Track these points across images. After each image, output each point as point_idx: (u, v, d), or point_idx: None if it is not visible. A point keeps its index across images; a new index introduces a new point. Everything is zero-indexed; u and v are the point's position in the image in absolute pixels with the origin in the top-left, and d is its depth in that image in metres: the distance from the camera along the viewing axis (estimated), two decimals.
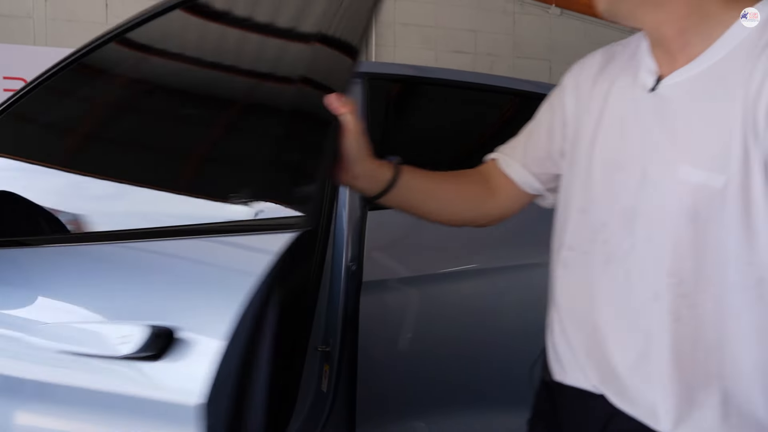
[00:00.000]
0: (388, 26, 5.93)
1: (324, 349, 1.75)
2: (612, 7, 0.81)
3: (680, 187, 0.76)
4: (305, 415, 1.75)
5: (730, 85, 0.74)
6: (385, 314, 1.72)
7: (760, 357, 0.76)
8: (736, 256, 0.74)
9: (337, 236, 1.77)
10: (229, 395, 0.92)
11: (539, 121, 1.03)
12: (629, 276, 0.81)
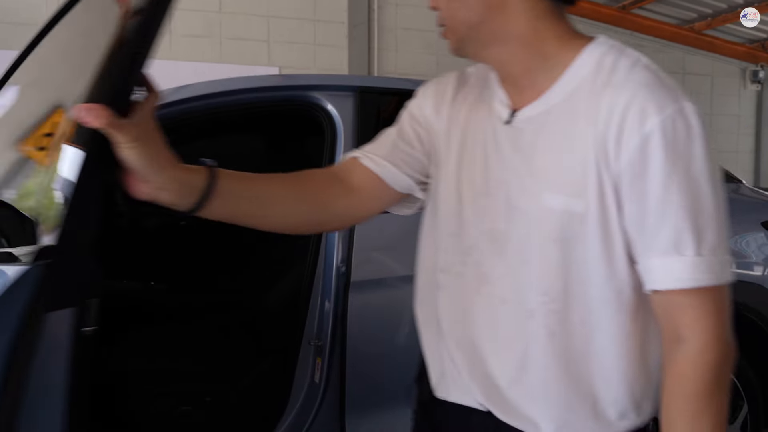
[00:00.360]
0: (390, 31, 6.07)
1: (317, 344, 1.90)
2: (460, 48, 0.90)
3: (545, 214, 0.84)
4: (300, 404, 1.91)
5: (579, 119, 0.83)
6: (371, 311, 1.86)
7: (624, 363, 0.86)
8: (597, 272, 0.84)
9: (329, 241, 1.92)
10: None
11: (407, 123, 1.03)
12: (504, 297, 0.89)
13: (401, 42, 6.13)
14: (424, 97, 1.03)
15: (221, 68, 5.59)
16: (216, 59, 5.56)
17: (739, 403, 2.33)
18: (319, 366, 1.90)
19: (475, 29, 0.87)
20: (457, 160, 0.95)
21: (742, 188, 2.61)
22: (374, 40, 6.03)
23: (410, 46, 6.16)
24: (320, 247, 1.94)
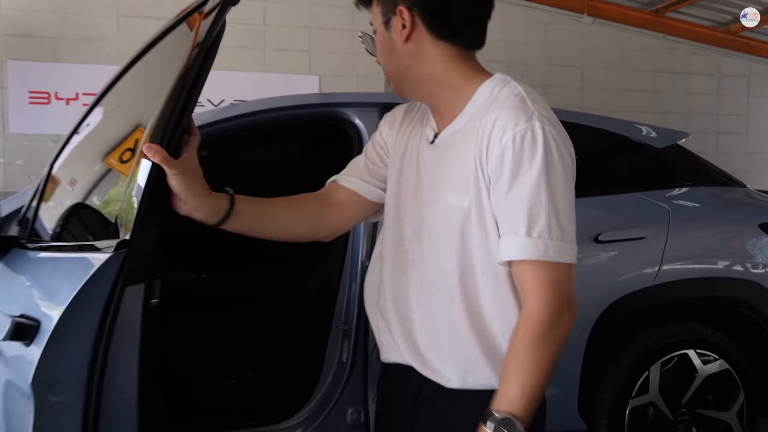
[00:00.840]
0: None
1: (344, 328, 2.18)
2: (398, 90, 1.22)
3: (446, 209, 1.11)
4: (330, 380, 2.19)
5: (470, 136, 1.10)
6: None
7: (503, 321, 1.09)
8: (479, 253, 1.09)
9: (356, 239, 2.20)
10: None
11: (370, 147, 1.37)
12: (423, 276, 1.15)
13: None
14: (383, 124, 1.36)
15: (265, 77, 5.91)
16: (260, 69, 5.88)
17: (735, 392, 2.50)
18: (346, 347, 2.18)
19: (403, 75, 1.18)
20: (398, 171, 1.24)
21: (743, 192, 2.78)
22: None
23: None
24: (347, 245, 2.22)
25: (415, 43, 1.15)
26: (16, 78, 5.34)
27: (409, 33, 1.14)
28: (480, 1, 1.19)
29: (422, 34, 1.14)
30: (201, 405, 2.36)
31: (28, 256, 1.61)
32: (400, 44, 1.16)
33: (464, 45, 1.17)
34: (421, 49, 1.15)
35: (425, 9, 1.13)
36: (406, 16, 1.13)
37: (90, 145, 1.83)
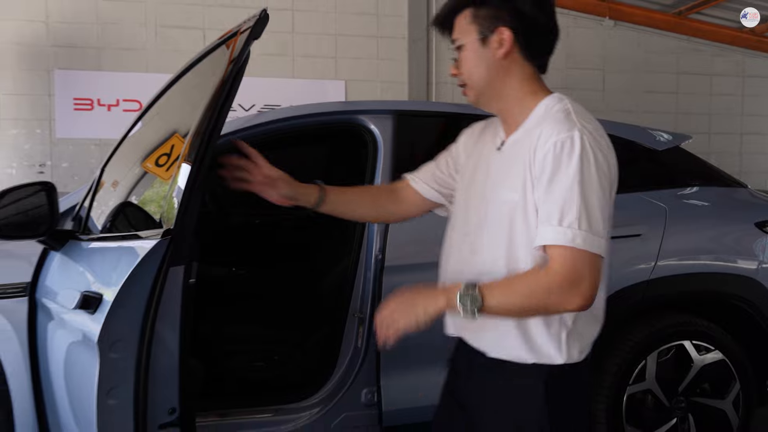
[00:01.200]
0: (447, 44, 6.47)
1: (360, 316, 2.39)
2: (477, 101, 1.42)
3: (501, 203, 1.33)
4: (346, 363, 2.40)
5: (526, 144, 1.31)
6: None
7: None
8: (522, 241, 1.30)
9: (370, 235, 2.41)
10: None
11: (443, 157, 1.62)
12: (485, 260, 1.36)
13: None
14: (463, 136, 1.60)
15: (294, 83, 6.17)
16: (289, 75, 6.14)
17: (731, 382, 2.63)
18: (361, 334, 2.39)
19: (490, 86, 1.37)
20: (471, 175, 1.48)
21: (743, 192, 2.90)
22: (432, 53, 6.43)
23: None
24: (363, 240, 2.44)
25: (509, 60, 1.34)
26: (62, 86, 5.70)
27: (506, 51, 1.33)
28: (557, 34, 1.39)
29: (516, 54, 1.34)
30: (231, 384, 2.61)
31: (82, 246, 1.87)
32: (496, 59, 1.34)
33: (539, 67, 1.39)
34: (512, 66, 1.35)
35: (524, 33, 1.33)
36: (507, 36, 1.32)
37: (131, 151, 2.08)
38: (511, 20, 1.32)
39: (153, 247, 1.35)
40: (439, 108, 2.64)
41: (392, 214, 1.73)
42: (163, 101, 2.04)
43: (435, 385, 2.30)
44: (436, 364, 2.32)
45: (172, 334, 1.40)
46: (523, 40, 1.33)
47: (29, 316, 1.95)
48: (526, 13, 1.32)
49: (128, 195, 2.10)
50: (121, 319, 1.32)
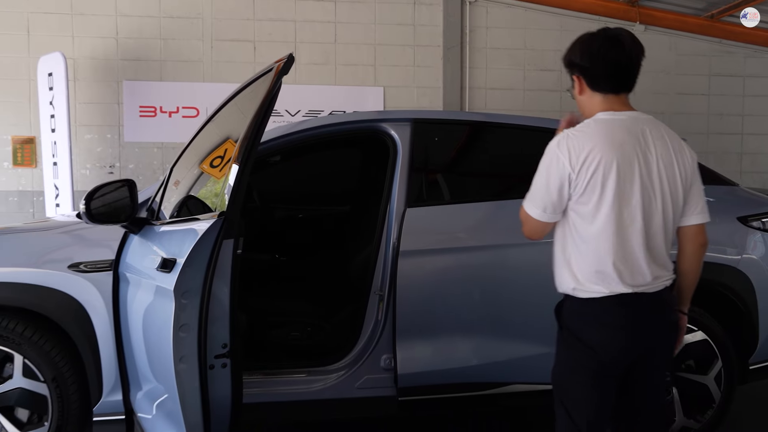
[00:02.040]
0: (480, 51, 6.81)
1: (380, 294, 2.81)
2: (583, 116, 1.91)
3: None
4: (369, 333, 2.83)
5: None
6: (413, 271, 2.73)
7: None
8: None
9: (389, 223, 2.82)
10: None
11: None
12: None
13: (491, 60, 6.83)
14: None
15: (336, 89, 6.65)
16: (331, 82, 6.62)
17: (713, 360, 2.93)
18: (381, 309, 2.81)
19: (583, 111, 1.91)
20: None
21: (730, 189, 3.18)
22: (466, 59, 6.79)
23: (499, 63, 6.85)
24: (384, 230, 2.86)
25: (582, 93, 1.90)
26: (129, 95, 6.35)
27: (579, 90, 1.90)
28: (617, 65, 1.84)
29: (586, 89, 1.88)
30: (273, 349, 3.09)
31: (155, 230, 2.36)
32: (577, 96, 1.93)
33: (605, 92, 1.87)
34: (590, 99, 1.89)
35: (584, 76, 1.88)
36: (578, 81, 1.90)
37: (192, 155, 2.57)
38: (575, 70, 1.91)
39: (211, 225, 1.82)
40: (449, 116, 3.04)
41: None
42: (218, 117, 2.52)
43: (441, 352, 2.73)
44: (440, 336, 2.75)
45: (224, 290, 1.86)
46: (586, 80, 1.88)
47: (113, 285, 2.47)
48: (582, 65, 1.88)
49: (189, 190, 2.59)
50: (189, 276, 1.77)
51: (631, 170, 1.78)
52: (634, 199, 1.79)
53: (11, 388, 2.52)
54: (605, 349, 1.82)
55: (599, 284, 1.80)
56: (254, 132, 1.86)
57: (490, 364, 2.79)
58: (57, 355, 2.52)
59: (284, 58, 1.96)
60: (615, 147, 1.77)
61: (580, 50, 1.86)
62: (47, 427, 2.53)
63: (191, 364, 1.71)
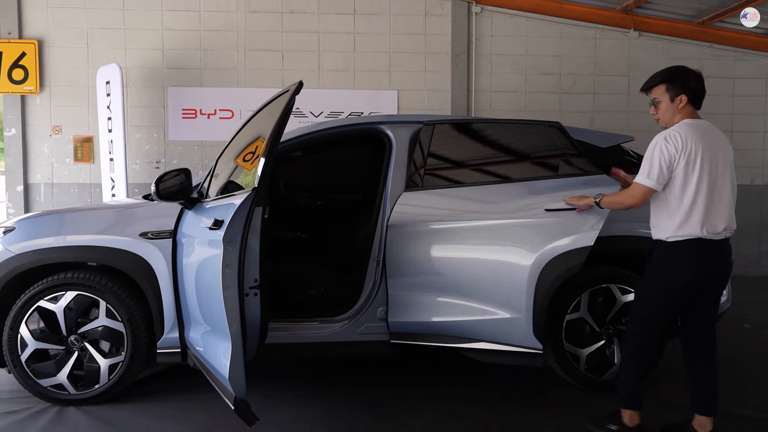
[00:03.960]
0: (486, 57, 7.49)
1: (377, 259, 3.57)
2: (666, 125, 2.87)
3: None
4: (368, 291, 3.59)
5: None
6: (399, 241, 3.46)
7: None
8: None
9: (384, 205, 3.58)
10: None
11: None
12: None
13: (495, 65, 7.50)
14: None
15: (355, 93, 7.40)
16: (350, 87, 7.38)
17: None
18: (378, 272, 3.57)
19: (672, 120, 2.81)
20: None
21: None
22: (472, 65, 7.47)
23: (503, 68, 7.51)
24: (380, 211, 3.61)
25: (683, 107, 2.80)
26: (173, 99, 7.21)
27: (682, 104, 2.79)
28: (704, 89, 2.84)
29: (687, 103, 2.79)
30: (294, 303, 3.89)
31: (204, 206, 3.16)
32: (677, 108, 2.81)
33: (695, 107, 2.84)
34: (684, 109, 2.81)
35: (690, 95, 2.79)
36: (683, 98, 2.79)
37: (230, 151, 3.35)
38: (685, 91, 2.79)
39: (247, 196, 2.60)
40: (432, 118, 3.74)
41: None
42: (249, 124, 3.30)
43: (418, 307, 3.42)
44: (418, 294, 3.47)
45: (255, 241, 2.65)
46: (690, 98, 2.80)
47: (172, 249, 3.28)
48: (692, 88, 2.80)
49: (228, 178, 3.38)
50: (232, 231, 2.52)
51: (711, 154, 2.75)
52: (710, 175, 2.75)
53: (97, 326, 3.36)
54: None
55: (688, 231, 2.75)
56: (275, 135, 2.63)
57: (456, 322, 3.38)
58: (131, 301, 3.34)
59: (296, 84, 2.71)
60: (702, 140, 2.74)
61: (695, 79, 2.80)
62: (123, 356, 3.35)
63: (233, 291, 2.47)
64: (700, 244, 2.76)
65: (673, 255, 2.79)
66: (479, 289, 3.34)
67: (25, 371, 3.31)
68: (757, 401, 3.49)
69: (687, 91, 2.81)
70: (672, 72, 2.87)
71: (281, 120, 2.59)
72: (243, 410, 2.46)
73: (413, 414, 3.29)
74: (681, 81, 2.81)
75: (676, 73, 2.85)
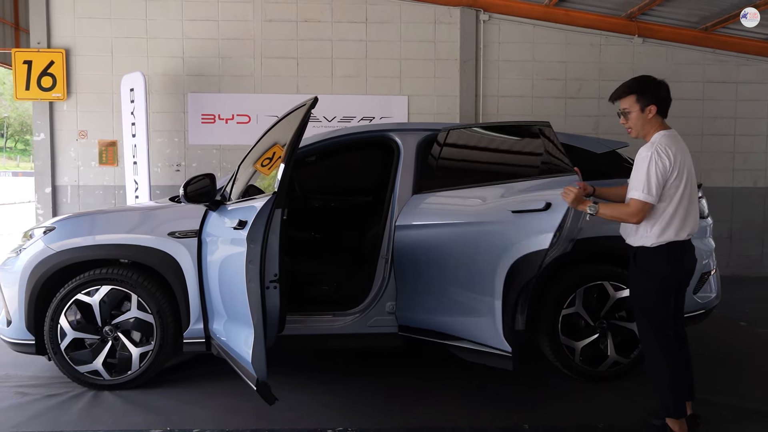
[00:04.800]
0: (493, 63, 7.74)
1: (385, 258, 3.85)
2: (636, 137, 3.00)
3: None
4: (378, 286, 3.86)
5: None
6: (406, 239, 3.73)
7: None
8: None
9: (393, 207, 3.86)
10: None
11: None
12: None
13: (502, 71, 7.75)
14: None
15: (366, 99, 7.68)
16: (363, 92, 7.65)
17: None
18: (386, 269, 3.84)
19: (643, 129, 2.96)
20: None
21: None
22: (480, 71, 7.72)
23: (510, 74, 7.75)
24: (389, 212, 3.89)
25: (652, 117, 2.91)
26: (193, 105, 7.54)
27: (651, 115, 2.91)
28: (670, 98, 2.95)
29: (656, 113, 2.90)
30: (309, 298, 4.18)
31: (227, 207, 3.45)
32: (647, 119, 2.92)
33: (664, 117, 2.95)
34: (653, 120, 2.92)
35: (658, 105, 2.91)
36: (653, 108, 2.91)
37: (250, 157, 3.64)
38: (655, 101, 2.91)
39: (268, 199, 2.87)
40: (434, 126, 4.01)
41: None
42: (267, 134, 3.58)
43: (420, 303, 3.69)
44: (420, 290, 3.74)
45: (275, 240, 2.95)
46: (659, 109, 2.92)
47: (198, 247, 3.58)
48: (662, 98, 2.92)
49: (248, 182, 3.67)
50: (254, 230, 2.79)
51: (688, 164, 2.92)
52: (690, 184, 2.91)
53: (129, 318, 3.66)
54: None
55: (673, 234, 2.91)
56: (294, 144, 2.91)
57: (445, 321, 3.54)
58: (160, 295, 3.65)
59: (312, 98, 2.99)
60: (681, 150, 2.90)
61: (664, 89, 2.92)
62: (153, 345, 3.66)
63: (255, 284, 2.75)
64: (679, 246, 2.92)
65: (661, 258, 2.90)
66: (460, 289, 3.45)
67: (64, 358, 3.63)
68: (737, 392, 3.72)
69: (657, 101, 2.90)
70: (641, 82, 2.95)
71: (299, 131, 2.87)
72: (264, 391, 2.74)
73: (417, 401, 3.56)
74: (651, 91, 2.90)
75: (646, 84, 2.93)
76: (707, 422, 3.17)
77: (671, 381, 2.90)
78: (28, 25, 7.76)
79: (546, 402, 3.57)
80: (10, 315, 3.74)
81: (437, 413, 3.38)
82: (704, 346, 4.64)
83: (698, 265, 3.90)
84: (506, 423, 3.25)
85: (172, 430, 3.12)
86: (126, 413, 3.34)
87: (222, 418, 3.27)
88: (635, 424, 3.21)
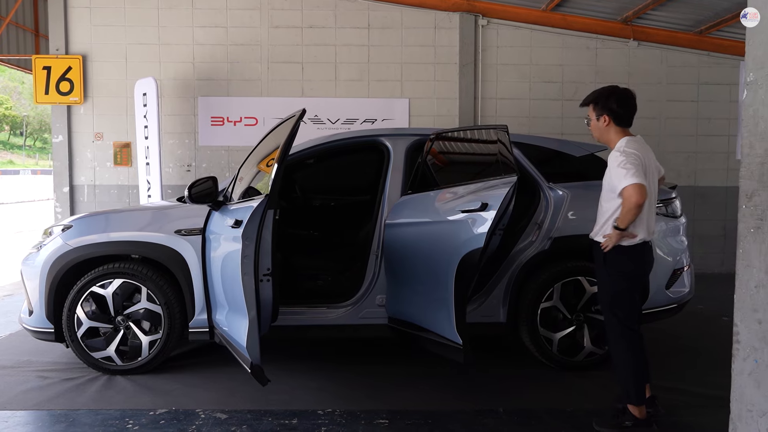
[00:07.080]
0: (492, 67, 7.99)
1: (377, 253, 4.14)
2: (600, 141, 3.24)
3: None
4: (369, 281, 4.16)
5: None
6: (394, 235, 4.02)
7: None
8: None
9: (383, 206, 4.15)
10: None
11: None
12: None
13: (501, 74, 7.99)
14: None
15: (369, 101, 7.97)
16: (365, 95, 7.94)
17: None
18: (377, 264, 4.14)
19: (602, 137, 3.20)
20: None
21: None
22: (479, 74, 7.97)
23: (508, 77, 8.00)
24: (380, 210, 4.18)
25: (607, 126, 3.12)
26: (202, 108, 7.88)
27: (606, 124, 3.12)
28: (631, 109, 3.12)
29: (610, 123, 3.10)
30: (304, 291, 4.48)
31: (229, 207, 3.76)
32: (603, 127, 3.14)
33: (622, 126, 3.12)
34: (609, 128, 3.12)
35: (611, 115, 3.11)
36: (606, 118, 3.12)
37: (252, 158, 3.95)
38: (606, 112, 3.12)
39: (261, 201, 3.17)
40: (422, 131, 4.30)
41: None
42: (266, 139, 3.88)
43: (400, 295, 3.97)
44: (400, 283, 4.01)
45: (268, 237, 3.25)
46: (613, 118, 3.11)
47: (202, 244, 3.89)
48: (614, 110, 3.10)
49: (249, 183, 3.97)
50: (249, 229, 3.08)
51: (651, 168, 3.07)
52: (653, 187, 3.10)
53: (139, 309, 3.99)
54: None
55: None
56: (284, 152, 3.20)
57: (417, 312, 3.73)
58: (167, 288, 3.97)
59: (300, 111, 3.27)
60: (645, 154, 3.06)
61: (616, 100, 3.07)
62: (161, 334, 3.98)
63: (250, 277, 3.05)
64: (647, 246, 3.14)
65: (629, 258, 3.06)
66: (426, 283, 3.61)
67: (80, 345, 3.96)
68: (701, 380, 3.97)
69: (608, 112, 3.09)
70: (597, 94, 3.15)
71: (288, 140, 3.17)
72: (258, 373, 3.05)
73: (402, 386, 3.84)
74: (602, 103, 3.10)
75: (600, 96, 3.13)
76: (669, 409, 3.43)
77: (635, 371, 3.12)
78: (47, 31, 8.15)
79: (523, 388, 3.84)
80: (31, 305, 4.08)
81: (420, 397, 3.67)
82: (686, 340, 4.88)
83: (670, 261, 4.18)
84: (482, 406, 3.53)
85: (177, 409, 3.44)
86: (136, 395, 3.66)
87: (223, 400, 3.58)
88: (602, 407, 3.47)
